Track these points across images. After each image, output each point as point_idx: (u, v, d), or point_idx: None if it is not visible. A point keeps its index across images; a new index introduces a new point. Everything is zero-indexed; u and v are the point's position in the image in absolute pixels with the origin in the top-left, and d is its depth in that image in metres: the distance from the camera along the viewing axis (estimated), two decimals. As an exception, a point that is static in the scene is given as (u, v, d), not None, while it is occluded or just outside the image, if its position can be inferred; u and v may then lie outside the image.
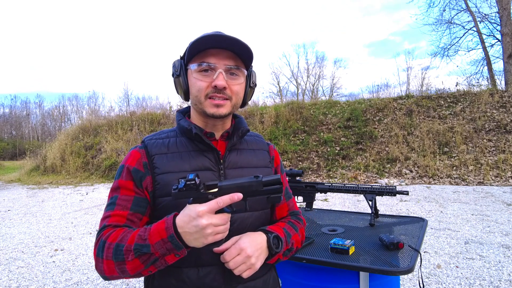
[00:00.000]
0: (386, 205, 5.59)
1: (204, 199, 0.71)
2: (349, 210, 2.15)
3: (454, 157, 8.03)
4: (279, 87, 29.23)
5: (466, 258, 3.25)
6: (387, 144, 8.95)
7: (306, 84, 29.51)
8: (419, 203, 5.65)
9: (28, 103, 42.19)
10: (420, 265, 1.48)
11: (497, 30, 12.95)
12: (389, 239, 1.33)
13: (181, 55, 0.93)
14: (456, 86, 10.92)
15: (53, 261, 3.71)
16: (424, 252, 3.44)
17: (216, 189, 0.72)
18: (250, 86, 0.95)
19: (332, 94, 27.89)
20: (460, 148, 8.17)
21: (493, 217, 4.60)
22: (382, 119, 9.87)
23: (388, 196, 5.86)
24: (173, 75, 0.92)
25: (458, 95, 9.91)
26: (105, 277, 0.78)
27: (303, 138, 10.04)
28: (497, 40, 13.16)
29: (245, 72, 0.92)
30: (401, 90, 28.62)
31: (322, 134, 9.91)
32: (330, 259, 1.24)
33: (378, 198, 5.78)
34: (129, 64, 68.72)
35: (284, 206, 1.05)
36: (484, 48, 13.58)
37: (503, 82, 11.85)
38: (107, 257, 0.75)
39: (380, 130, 9.53)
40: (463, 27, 14.04)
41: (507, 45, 11.61)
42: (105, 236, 0.78)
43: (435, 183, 7.30)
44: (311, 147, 9.62)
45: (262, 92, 29.44)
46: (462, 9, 13.77)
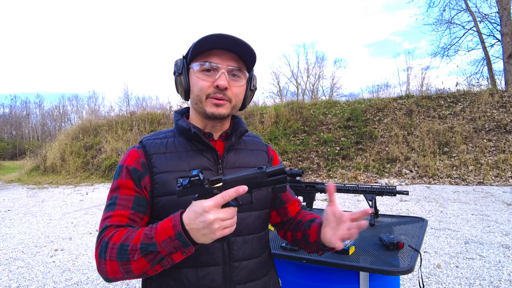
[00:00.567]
0: (386, 205, 5.59)
1: (210, 195, 0.70)
2: (349, 210, 2.15)
3: (454, 157, 8.03)
4: (279, 87, 29.27)
5: (466, 258, 3.25)
6: (387, 144, 8.95)
7: (306, 84, 29.55)
8: (419, 203, 5.65)
9: (28, 103, 42.25)
10: (420, 265, 1.48)
11: (497, 30, 12.95)
12: (389, 239, 1.33)
13: (184, 54, 0.92)
14: (456, 86, 10.92)
15: (53, 261, 3.71)
16: (424, 252, 3.44)
17: (221, 184, 0.71)
18: (251, 89, 0.95)
19: (332, 94, 27.92)
20: (460, 148, 8.17)
21: (493, 217, 4.60)
22: (382, 119, 9.87)
23: (388, 196, 5.86)
24: (175, 74, 0.92)
25: (458, 95, 9.91)
26: (108, 279, 0.77)
27: (303, 138, 10.04)
28: (497, 40, 13.16)
29: (247, 75, 0.92)
30: (401, 90, 28.64)
31: (322, 134, 9.91)
32: (330, 259, 1.24)
33: (378, 198, 5.78)
34: (129, 64, 68.80)
35: (294, 202, 1.05)
36: (484, 48, 13.58)
37: (503, 82, 11.86)
38: (111, 258, 0.74)
39: (380, 130, 9.53)
40: (463, 27, 14.06)
41: (507, 45, 11.61)
42: (108, 237, 0.77)
43: (435, 183, 7.30)
44: (311, 147, 9.62)
45: (262, 92, 29.50)
46: (462, 9, 13.78)
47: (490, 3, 13.26)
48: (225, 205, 0.70)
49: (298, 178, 1.85)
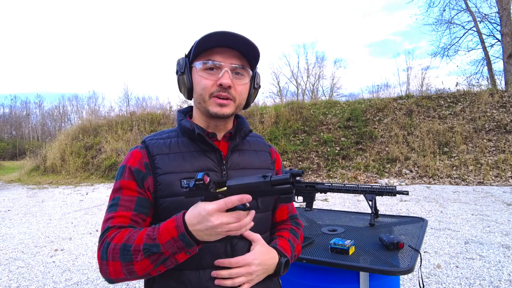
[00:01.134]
0: (386, 205, 5.59)
1: (214, 198, 0.70)
2: (349, 210, 2.15)
3: (454, 157, 8.03)
4: (279, 87, 29.27)
5: (466, 258, 3.25)
6: (387, 144, 8.95)
7: (306, 84, 29.54)
8: (419, 203, 5.65)
9: (28, 103, 42.25)
10: (420, 265, 1.48)
11: (497, 30, 12.95)
12: (389, 239, 1.33)
13: (186, 53, 0.91)
14: (456, 86, 10.93)
15: (53, 261, 3.71)
16: (424, 252, 3.44)
17: (225, 188, 0.71)
18: (254, 87, 0.94)
19: (332, 94, 27.92)
20: (460, 148, 8.17)
21: (493, 217, 4.60)
22: (382, 119, 9.87)
23: (388, 196, 5.86)
24: (177, 73, 0.91)
25: (458, 95, 9.91)
26: (110, 280, 0.77)
27: (303, 138, 10.04)
28: (497, 40, 13.16)
29: (250, 73, 0.91)
30: (401, 90, 28.63)
31: (322, 134, 9.91)
32: (330, 259, 1.24)
33: (378, 198, 5.78)
34: (129, 64, 68.77)
35: (284, 209, 1.04)
36: (484, 48, 13.58)
37: (503, 82, 11.86)
38: (114, 259, 0.74)
39: (380, 130, 9.53)
40: (463, 27, 14.06)
41: (507, 45, 11.61)
42: (110, 238, 0.77)
43: (435, 183, 7.30)
44: (311, 147, 9.62)
45: (262, 92, 29.45)
46: (462, 9, 13.78)
47: (490, 3, 13.28)
48: (232, 208, 0.70)
49: (298, 178, 1.85)
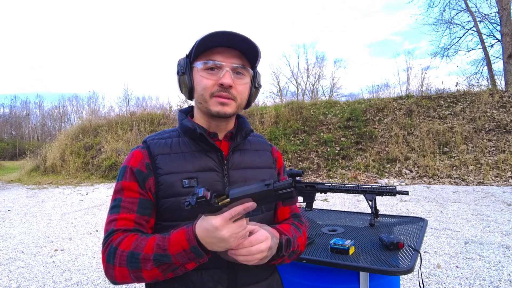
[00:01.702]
0: (386, 205, 5.59)
1: (218, 210, 0.71)
2: (349, 210, 2.15)
3: (454, 157, 8.03)
4: (279, 87, 29.27)
5: (466, 258, 3.25)
6: (387, 144, 8.95)
7: (306, 84, 29.55)
8: (419, 203, 5.65)
9: (28, 103, 42.26)
10: (420, 265, 1.48)
11: (497, 30, 12.95)
12: (389, 239, 1.33)
13: (187, 53, 0.91)
14: (456, 86, 10.93)
15: (53, 261, 3.71)
16: (424, 252, 3.44)
17: (228, 200, 0.72)
18: (255, 87, 0.94)
19: (332, 94, 27.92)
20: (460, 148, 8.17)
21: (493, 217, 4.60)
22: (382, 119, 9.87)
23: (388, 196, 5.86)
24: (178, 73, 0.91)
25: (458, 95, 9.91)
26: (116, 283, 0.78)
27: (303, 138, 10.04)
28: (497, 40, 13.16)
29: (251, 72, 0.91)
30: (401, 90, 28.65)
31: (322, 134, 9.91)
32: (330, 259, 1.24)
33: (378, 198, 5.78)
34: (129, 64, 68.77)
35: (286, 209, 1.04)
36: (484, 48, 13.59)
37: (503, 82, 11.87)
38: (120, 264, 0.75)
39: (380, 130, 9.53)
40: (463, 27, 14.07)
41: (507, 45, 11.61)
42: (116, 242, 0.77)
43: (435, 183, 7.30)
44: (311, 147, 9.62)
45: (262, 92, 29.43)
46: (462, 9, 13.79)
47: (490, 3, 13.29)
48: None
49: (298, 178, 1.85)
